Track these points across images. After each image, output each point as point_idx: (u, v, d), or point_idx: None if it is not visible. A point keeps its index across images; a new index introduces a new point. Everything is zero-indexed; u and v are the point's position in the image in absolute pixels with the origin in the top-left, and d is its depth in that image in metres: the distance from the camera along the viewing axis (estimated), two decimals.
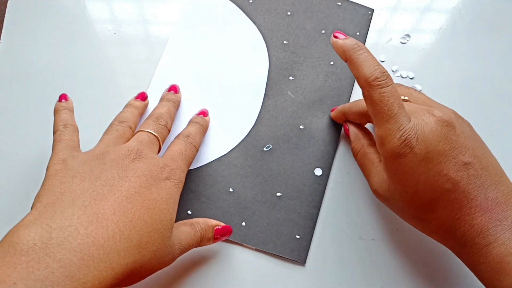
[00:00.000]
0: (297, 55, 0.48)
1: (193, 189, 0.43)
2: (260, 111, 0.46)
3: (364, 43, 0.48)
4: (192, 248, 0.36)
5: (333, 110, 0.45)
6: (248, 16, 0.49)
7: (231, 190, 0.43)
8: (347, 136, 0.44)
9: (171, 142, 0.39)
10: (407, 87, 0.40)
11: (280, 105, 0.46)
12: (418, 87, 0.47)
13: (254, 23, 0.49)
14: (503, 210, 0.32)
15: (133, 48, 0.48)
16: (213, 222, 0.39)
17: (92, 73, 0.47)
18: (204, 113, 0.44)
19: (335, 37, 0.36)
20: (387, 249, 0.41)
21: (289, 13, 0.49)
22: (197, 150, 0.40)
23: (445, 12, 0.51)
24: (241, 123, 0.45)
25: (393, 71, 0.48)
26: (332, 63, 0.47)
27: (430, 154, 0.32)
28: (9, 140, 0.44)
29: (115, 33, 0.49)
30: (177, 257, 0.34)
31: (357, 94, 0.47)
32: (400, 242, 0.42)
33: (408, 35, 0.49)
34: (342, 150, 0.45)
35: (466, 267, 0.40)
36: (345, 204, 0.43)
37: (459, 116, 0.35)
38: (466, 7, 0.51)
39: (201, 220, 0.38)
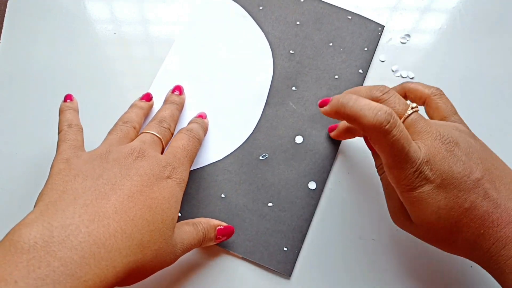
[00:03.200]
0: (302, 65, 0.47)
1: (185, 191, 0.42)
2: (259, 119, 0.45)
3: (372, 59, 0.48)
4: (194, 248, 0.36)
5: (331, 128, 0.44)
6: (256, 23, 0.49)
7: (223, 195, 0.42)
8: (372, 151, 0.40)
9: (174, 137, 0.39)
10: (419, 88, 0.37)
11: (280, 115, 0.46)
12: None
13: (262, 30, 0.49)
14: None
15: (133, 48, 0.48)
16: (215, 222, 0.39)
17: (92, 73, 0.47)
18: (202, 116, 0.44)
19: (321, 106, 0.36)
20: (387, 249, 0.41)
21: (298, 23, 0.49)
22: (200, 144, 0.40)
23: (445, 12, 0.51)
24: (240, 129, 0.45)
25: (393, 71, 0.48)
26: (336, 76, 0.47)
27: (446, 181, 0.32)
28: (9, 140, 0.44)
29: (115, 33, 0.49)
30: (179, 257, 0.34)
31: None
32: (400, 242, 0.42)
33: (408, 35, 0.49)
34: (343, 151, 0.45)
35: (465, 268, 0.40)
36: (345, 204, 0.43)
37: (458, 129, 0.34)
38: (466, 7, 0.51)
39: (203, 220, 0.38)
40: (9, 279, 0.25)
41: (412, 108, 0.33)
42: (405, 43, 0.49)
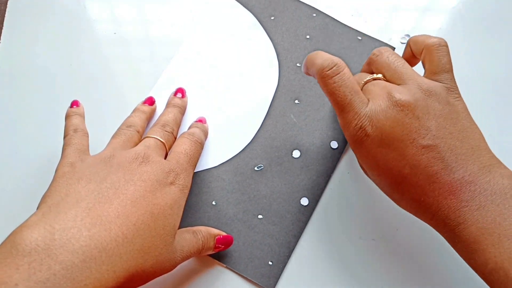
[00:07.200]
0: (307, 79, 0.47)
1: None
2: (259, 129, 0.45)
3: None
4: (193, 256, 0.36)
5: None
6: (266, 32, 0.49)
7: (214, 203, 0.42)
8: None
9: (176, 141, 0.39)
10: (393, 57, 0.36)
11: (280, 127, 0.45)
12: None
13: (272, 40, 0.49)
14: (470, 190, 0.31)
15: (133, 48, 0.48)
16: (215, 231, 0.39)
17: (92, 73, 0.47)
18: (202, 121, 0.44)
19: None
20: (387, 249, 0.41)
21: (308, 37, 0.49)
22: (202, 149, 0.40)
23: (445, 12, 0.51)
24: (238, 138, 0.45)
25: None
26: None
27: (386, 140, 0.32)
28: (9, 140, 0.44)
29: (115, 33, 0.49)
30: (178, 264, 0.34)
31: None
32: (400, 242, 0.42)
33: (408, 35, 0.49)
34: (345, 148, 0.45)
35: (466, 267, 0.41)
36: (345, 204, 0.43)
37: (429, 91, 0.33)
38: (466, 7, 0.51)
39: (203, 228, 0.38)
40: (10, 281, 0.25)
41: (373, 78, 0.36)
42: (405, 43, 0.49)
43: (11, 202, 0.42)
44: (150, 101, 0.44)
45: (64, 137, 0.38)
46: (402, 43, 0.49)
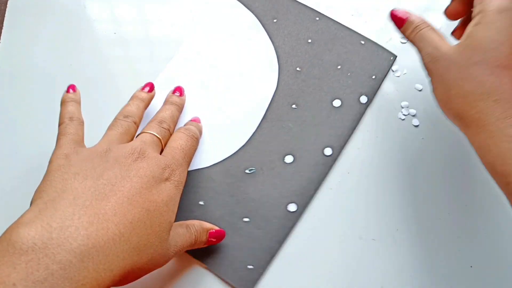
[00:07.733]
0: (307, 84, 0.46)
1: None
2: (254, 132, 0.45)
3: (378, 88, 0.47)
4: (186, 249, 0.36)
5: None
6: (268, 35, 0.49)
7: (201, 203, 0.42)
8: (400, 23, 0.41)
9: (172, 136, 0.39)
10: None
11: (275, 131, 0.45)
12: (419, 86, 0.47)
13: (273, 43, 0.48)
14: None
15: (133, 48, 0.48)
16: (208, 225, 0.39)
17: (92, 73, 0.47)
18: (196, 120, 0.44)
19: None
20: (387, 249, 0.41)
21: (310, 41, 0.48)
22: (197, 144, 0.40)
23: None
24: (233, 139, 0.45)
25: (393, 71, 0.48)
26: (338, 101, 0.46)
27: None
28: (9, 140, 0.44)
29: (115, 33, 0.49)
30: (171, 258, 0.34)
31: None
32: (400, 242, 0.41)
33: None
34: (343, 152, 0.45)
35: (466, 268, 0.40)
36: (345, 204, 0.43)
37: None
38: None
39: (196, 222, 0.38)
40: (7, 281, 0.25)
41: None
42: (405, 43, 0.49)
43: (11, 202, 0.42)
44: (151, 87, 0.43)
45: (59, 125, 0.37)
46: (402, 42, 0.49)
